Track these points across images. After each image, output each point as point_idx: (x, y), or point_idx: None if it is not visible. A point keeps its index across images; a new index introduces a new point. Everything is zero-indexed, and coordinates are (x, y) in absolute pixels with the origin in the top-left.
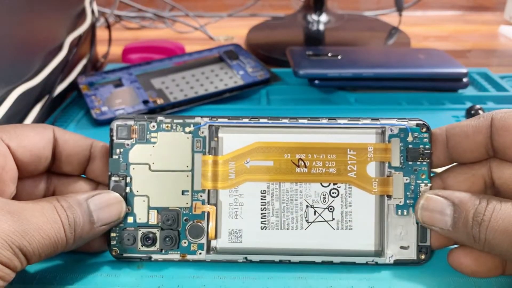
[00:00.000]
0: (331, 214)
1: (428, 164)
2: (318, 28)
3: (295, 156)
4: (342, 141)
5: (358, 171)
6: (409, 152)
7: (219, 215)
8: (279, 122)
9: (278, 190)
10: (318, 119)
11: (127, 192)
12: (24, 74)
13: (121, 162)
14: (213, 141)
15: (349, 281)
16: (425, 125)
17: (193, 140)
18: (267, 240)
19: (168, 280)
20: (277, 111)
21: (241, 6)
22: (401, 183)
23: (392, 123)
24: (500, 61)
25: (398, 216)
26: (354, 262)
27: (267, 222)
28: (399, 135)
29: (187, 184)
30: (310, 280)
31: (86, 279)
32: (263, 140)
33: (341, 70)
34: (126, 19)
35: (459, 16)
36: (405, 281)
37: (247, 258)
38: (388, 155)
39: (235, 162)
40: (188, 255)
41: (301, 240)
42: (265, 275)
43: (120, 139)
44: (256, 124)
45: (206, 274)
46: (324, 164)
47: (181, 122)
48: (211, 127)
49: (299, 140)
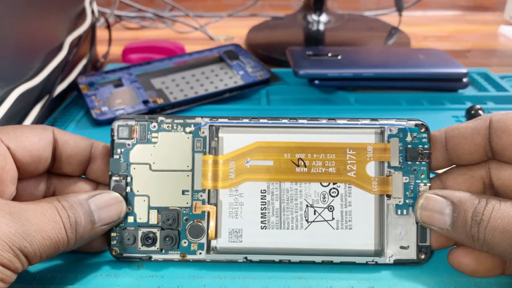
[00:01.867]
0: (331, 213)
1: (427, 164)
2: (318, 28)
3: (295, 156)
4: (341, 141)
5: (358, 171)
6: (408, 152)
7: (219, 214)
8: (279, 122)
9: (278, 190)
10: (318, 119)
11: (127, 191)
12: (24, 74)
13: (121, 162)
14: (213, 141)
15: (349, 281)
16: (424, 125)
17: (194, 140)
18: (267, 240)
19: (168, 280)
20: (277, 111)
21: (241, 6)
22: (401, 183)
23: (391, 123)
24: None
25: (398, 216)
26: (354, 262)
27: (267, 221)
28: (398, 135)
29: (188, 183)
30: (310, 280)
31: (86, 279)
32: (263, 140)
33: (341, 70)
34: (126, 19)
35: (459, 16)
36: (405, 281)
37: (247, 258)
38: (387, 155)
39: (235, 162)
40: (188, 255)
41: (301, 240)
42: (265, 275)
43: (121, 139)
44: (256, 124)
45: (206, 274)
46: (323, 164)
47: (181, 122)
48: (211, 127)
49: (298, 140)
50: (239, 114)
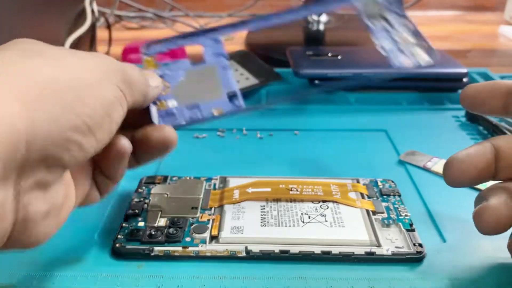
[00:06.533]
0: (324, 217)
1: (400, 198)
2: (318, 28)
3: (288, 186)
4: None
5: (342, 195)
6: (381, 190)
7: (223, 219)
8: (275, 177)
9: (276, 205)
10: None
11: (143, 208)
12: None
13: (143, 193)
14: (221, 184)
15: (349, 281)
16: (391, 180)
17: (206, 183)
18: (266, 233)
19: (168, 280)
20: (277, 111)
21: (241, 6)
22: (381, 204)
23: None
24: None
25: (386, 225)
26: (353, 252)
27: (266, 222)
28: (370, 183)
29: (197, 203)
30: (310, 280)
31: (86, 279)
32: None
33: (341, 70)
34: (126, 19)
35: (459, 16)
36: (405, 281)
37: (247, 248)
38: (365, 191)
39: (238, 190)
40: (190, 247)
41: (299, 234)
42: (265, 275)
43: (146, 183)
44: (258, 177)
45: (206, 274)
46: (313, 190)
47: (197, 177)
48: (221, 178)
49: (291, 180)
50: (239, 115)
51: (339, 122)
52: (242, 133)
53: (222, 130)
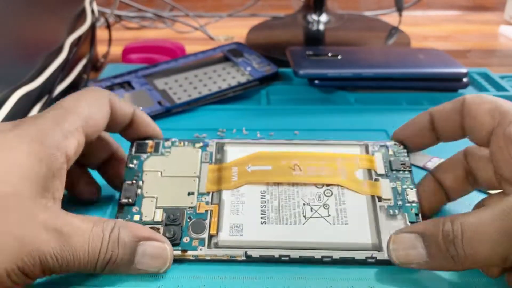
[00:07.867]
0: (326, 210)
1: (410, 173)
2: (318, 28)
3: (291, 162)
4: (332, 152)
5: (348, 175)
6: (391, 163)
7: (221, 212)
8: (277, 140)
9: (277, 191)
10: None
11: (137, 193)
12: (25, 76)
13: (135, 170)
14: (219, 154)
15: (349, 282)
16: (402, 143)
17: (202, 153)
18: (266, 234)
19: (168, 280)
20: (277, 111)
21: (241, 6)
22: (389, 187)
23: (373, 142)
24: (500, 61)
25: (391, 216)
26: (353, 257)
27: (267, 217)
28: (380, 150)
29: (194, 187)
30: (310, 280)
31: (86, 279)
32: (263, 151)
33: (341, 70)
34: (126, 19)
35: (459, 16)
36: (405, 281)
37: (247, 253)
38: (373, 164)
39: (237, 168)
40: (189, 251)
41: (300, 234)
42: (265, 275)
43: (137, 153)
44: (257, 141)
45: (206, 274)
46: (317, 169)
47: (192, 140)
48: (217, 144)
49: (294, 151)
50: (240, 114)
51: (339, 122)
52: (242, 133)
53: (222, 130)
